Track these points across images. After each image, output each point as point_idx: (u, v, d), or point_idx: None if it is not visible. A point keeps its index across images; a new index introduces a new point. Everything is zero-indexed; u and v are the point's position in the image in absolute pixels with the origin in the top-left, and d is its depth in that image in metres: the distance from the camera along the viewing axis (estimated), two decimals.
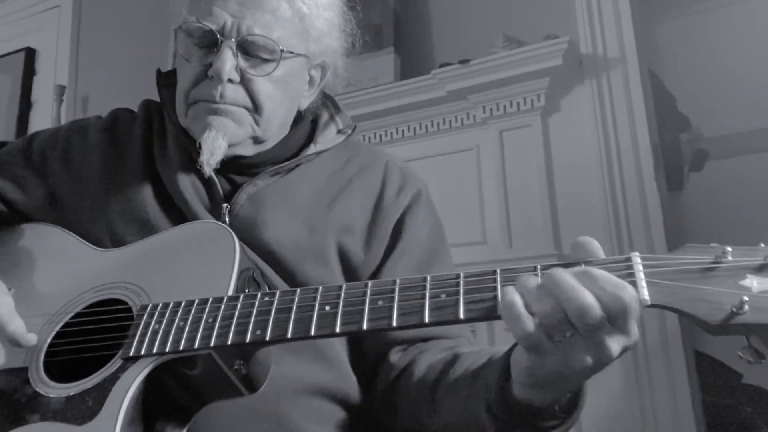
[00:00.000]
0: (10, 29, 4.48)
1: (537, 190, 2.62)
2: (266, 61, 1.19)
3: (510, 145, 2.71)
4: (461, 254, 2.58)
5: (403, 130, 2.94)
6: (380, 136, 2.96)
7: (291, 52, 1.21)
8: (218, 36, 1.16)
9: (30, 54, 4.30)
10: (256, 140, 1.24)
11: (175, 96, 1.26)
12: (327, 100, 1.37)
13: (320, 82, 1.34)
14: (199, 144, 1.16)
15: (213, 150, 1.15)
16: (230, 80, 1.17)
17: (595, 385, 0.90)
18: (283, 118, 1.28)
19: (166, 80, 1.32)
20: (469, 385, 1.00)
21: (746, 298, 0.75)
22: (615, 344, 0.78)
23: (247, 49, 1.18)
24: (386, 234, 1.24)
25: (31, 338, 1.05)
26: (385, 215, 1.26)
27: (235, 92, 1.18)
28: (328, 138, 1.32)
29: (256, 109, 1.20)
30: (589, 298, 0.75)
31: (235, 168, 1.24)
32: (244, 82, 1.19)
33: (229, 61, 1.15)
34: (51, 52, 4.26)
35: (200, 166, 1.16)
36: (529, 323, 0.78)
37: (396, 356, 1.17)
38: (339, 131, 1.35)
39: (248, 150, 1.24)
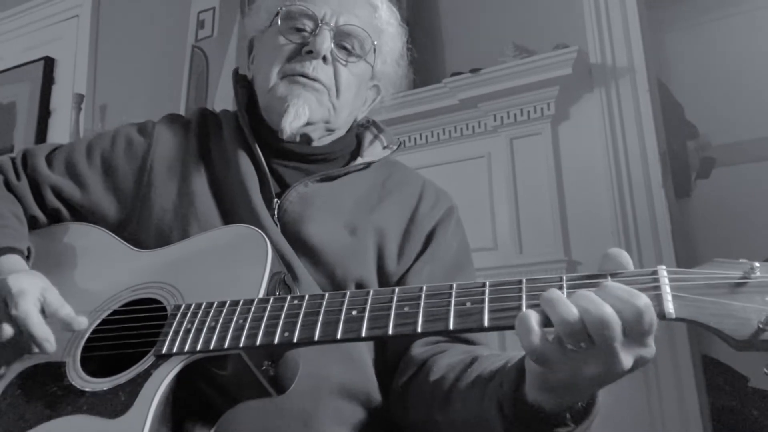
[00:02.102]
0: (29, 39, 4.54)
1: (547, 197, 2.65)
2: (353, 53, 1.35)
3: (520, 152, 2.74)
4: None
5: (415, 138, 2.97)
6: None
7: (374, 52, 1.36)
8: (319, 21, 1.32)
9: (49, 63, 4.35)
10: (327, 127, 1.35)
11: (257, 76, 1.38)
12: (370, 123, 1.49)
13: (371, 103, 1.49)
14: (287, 107, 1.28)
15: (298, 114, 1.28)
16: (324, 59, 1.31)
17: (603, 390, 0.89)
18: (348, 115, 1.40)
19: (242, 81, 1.45)
20: (484, 384, 1.02)
21: None
22: (628, 356, 0.78)
23: (341, 37, 1.34)
24: (419, 241, 1.33)
25: (83, 321, 1.07)
26: (419, 225, 1.35)
27: (324, 71, 1.31)
28: (374, 152, 1.43)
29: (337, 94, 1.33)
30: (608, 310, 0.76)
31: (294, 156, 1.35)
32: (333, 66, 1.33)
33: (326, 41, 1.30)
34: (69, 61, 4.31)
35: (281, 129, 1.29)
36: (536, 338, 0.78)
37: (418, 350, 1.21)
38: (385, 147, 1.45)
39: (317, 133, 1.35)
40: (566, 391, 0.84)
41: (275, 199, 1.29)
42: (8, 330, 1.05)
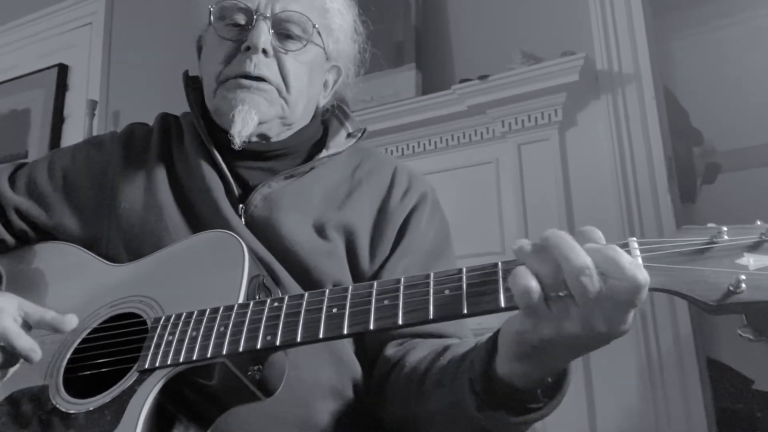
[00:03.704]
0: (43, 46, 4.58)
1: (554, 202, 2.67)
2: (296, 40, 1.28)
3: (528, 158, 2.76)
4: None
5: (424, 144, 2.99)
6: (402, 149, 3.02)
7: (320, 34, 1.29)
8: (253, 13, 1.24)
9: (63, 70, 4.39)
10: (284, 122, 1.30)
11: (203, 79, 1.32)
12: (335, 108, 1.44)
13: (333, 85, 1.42)
14: (232, 116, 1.22)
15: (246, 121, 1.22)
16: (264, 52, 1.23)
17: (610, 392, 0.91)
18: (306, 105, 1.34)
19: (193, 83, 1.39)
20: (455, 367, 1.01)
21: (743, 277, 0.74)
22: (603, 321, 0.78)
23: (280, 26, 1.26)
24: (391, 236, 1.28)
25: (72, 320, 1.06)
26: (390, 218, 1.29)
27: (267, 66, 1.24)
28: (339, 142, 1.38)
29: (286, 88, 1.27)
30: (585, 259, 0.76)
31: (253, 155, 1.30)
32: (276, 58, 1.26)
33: (264, 33, 1.23)
34: (83, 68, 4.35)
35: (231, 137, 1.22)
36: (533, 281, 0.78)
37: (391, 350, 1.19)
38: (349, 135, 1.40)
39: (275, 130, 1.30)
40: (540, 356, 0.84)
41: (240, 204, 1.25)
42: None
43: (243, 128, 1.22)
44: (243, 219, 1.24)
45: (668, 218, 2.43)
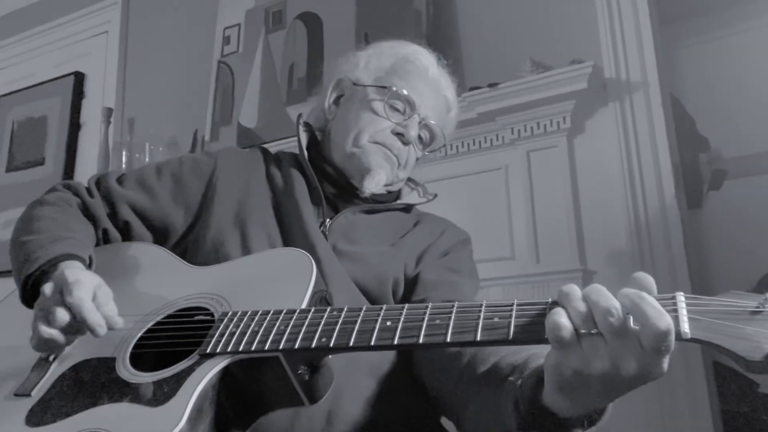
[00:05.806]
0: (60, 54, 4.64)
1: (563, 208, 2.70)
2: (426, 145, 1.70)
3: (537, 164, 2.80)
4: (491, 269, 2.67)
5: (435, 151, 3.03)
6: None
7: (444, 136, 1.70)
8: (415, 109, 1.61)
9: (79, 78, 4.44)
10: (388, 189, 1.67)
11: (350, 126, 1.63)
12: (409, 179, 1.79)
13: None
14: (369, 173, 1.57)
15: (378, 183, 1.58)
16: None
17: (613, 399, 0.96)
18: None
19: (305, 126, 1.68)
20: (502, 377, 1.09)
21: None
22: (633, 362, 0.84)
23: (422, 129, 1.65)
24: (436, 254, 1.55)
25: (119, 321, 1.17)
26: (438, 245, 1.56)
27: (403, 152, 1.62)
28: (412, 198, 1.75)
29: (404, 168, 1.65)
30: (613, 302, 0.83)
31: (347, 190, 1.62)
32: (408, 146, 1.62)
33: (415, 131, 1.62)
34: (99, 76, 4.40)
35: (361, 187, 1.58)
36: (561, 318, 0.85)
37: None
38: (421, 197, 1.76)
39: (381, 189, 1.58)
40: (578, 392, 0.89)
41: (328, 220, 1.50)
42: (64, 316, 1.15)
43: (375, 187, 1.58)
44: (327, 230, 1.50)
45: (675, 223, 2.45)
